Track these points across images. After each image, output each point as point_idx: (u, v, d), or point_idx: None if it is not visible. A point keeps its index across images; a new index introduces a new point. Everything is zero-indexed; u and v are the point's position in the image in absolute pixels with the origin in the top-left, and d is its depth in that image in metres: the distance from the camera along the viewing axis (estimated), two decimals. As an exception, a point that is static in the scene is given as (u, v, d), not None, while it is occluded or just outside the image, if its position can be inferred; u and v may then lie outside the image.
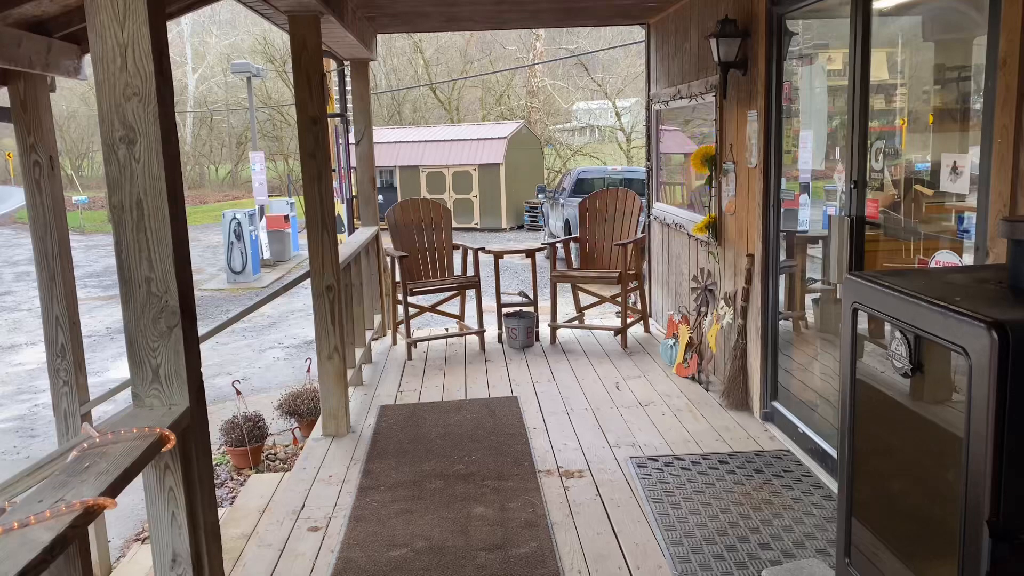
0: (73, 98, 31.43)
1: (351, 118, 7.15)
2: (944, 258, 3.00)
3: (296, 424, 6.38)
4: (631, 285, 6.32)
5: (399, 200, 10.56)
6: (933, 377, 1.89)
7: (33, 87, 3.78)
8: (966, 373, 1.64)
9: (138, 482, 2.02)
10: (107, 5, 1.95)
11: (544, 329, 6.73)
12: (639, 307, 6.67)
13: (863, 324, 2.18)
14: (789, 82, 4.30)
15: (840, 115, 3.77)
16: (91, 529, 2.26)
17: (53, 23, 3.73)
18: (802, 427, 4.11)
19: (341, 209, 8.26)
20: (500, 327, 6.67)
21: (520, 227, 20.61)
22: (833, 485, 3.66)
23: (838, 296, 3.81)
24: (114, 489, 1.73)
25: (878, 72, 3.55)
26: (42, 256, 3.93)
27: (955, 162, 2.88)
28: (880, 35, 3.47)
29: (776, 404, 4.45)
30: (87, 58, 4.04)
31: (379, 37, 7.01)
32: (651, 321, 6.88)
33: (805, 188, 4.31)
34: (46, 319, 3.97)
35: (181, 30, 32.74)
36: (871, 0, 3.34)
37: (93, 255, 18.63)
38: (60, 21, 3.74)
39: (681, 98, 5.83)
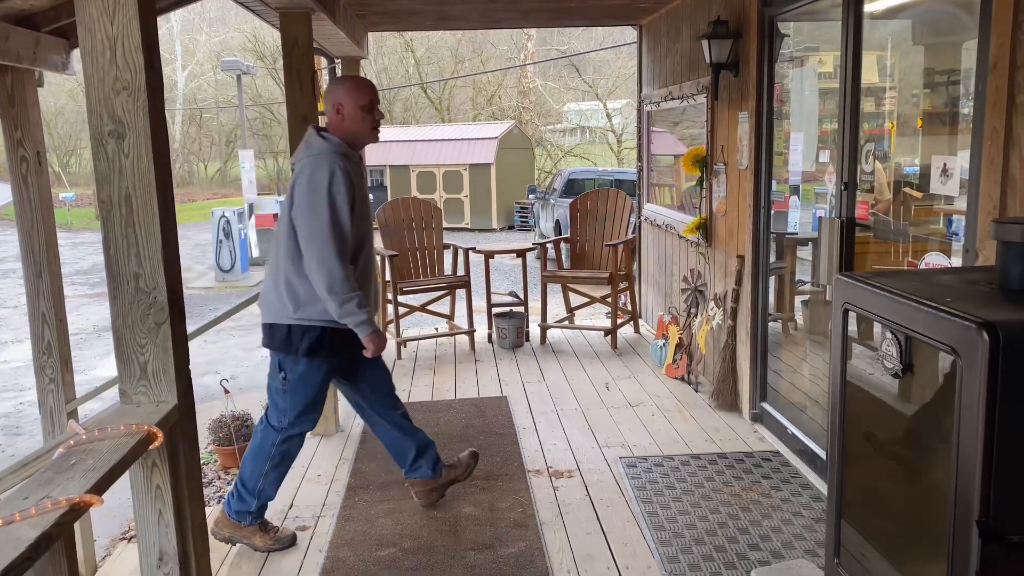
0: (61, 94, 31.21)
1: (342, 116, 7.11)
2: (933, 260, 3.02)
3: (284, 423, 6.34)
4: (621, 286, 6.33)
5: (389, 199, 10.53)
6: (923, 378, 1.89)
7: (20, 81, 3.74)
8: (957, 374, 1.64)
9: (124, 480, 2.00)
10: (97, -2, 1.93)
11: (534, 329, 6.73)
12: (629, 308, 6.67)
13: (852, 325, 2.19)
14: (780, 84, 4.32)
15: (831, 117, 3.78)
16: (77, 527, 2.24)
17: (41, 17, 3.70)
18: (791, 428, 4.12)
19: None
20: (490, 327, 6.66)
21: (510, 227, 20.61)
22: (821, 486, 3.67)
23: (828, 298, 3.82)
24: (100, 486, 1.71)
25: (868, 75, 3.56)
26: (28, 252, 3.89)
27: (945, 164, 2.89)
28: (871, 38, 3.49)
29: (765, 405, 4.46)
30: (75, 53, 4.00)
31: (370, 35, 6.99)
32: (641, 322, 6.88)
33: (795, 190, 4.32)
34: (32, 316, 3.94)
35: (171, 27, 32.57)
36: (862, 3, 3.36)
37: (80, 252, 18.51)
38: (48, 15, 3.71)
39: (672, 99, 5.83)
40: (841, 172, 3.50)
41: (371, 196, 3.41)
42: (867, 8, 3.38)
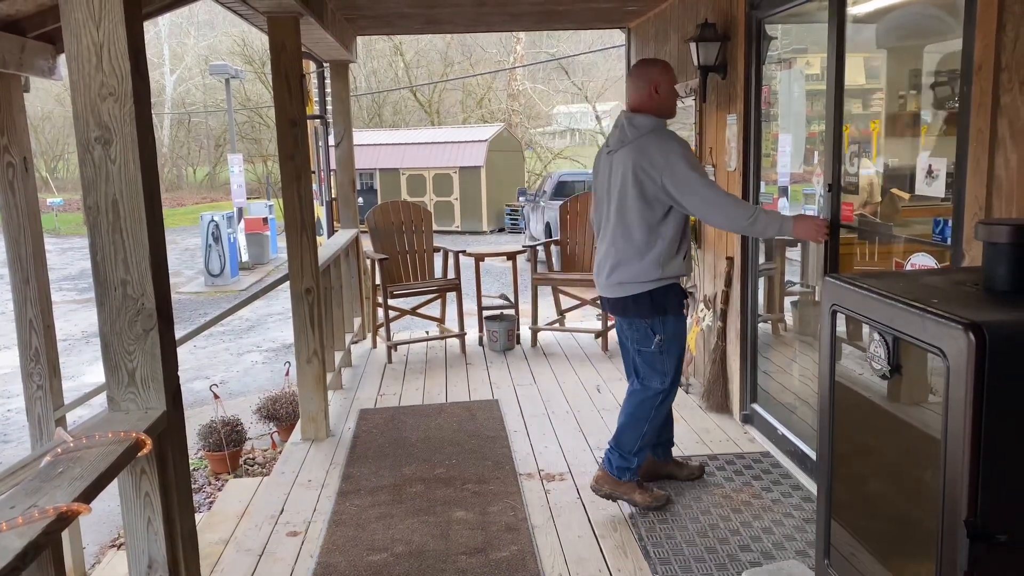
0: (48, 99, 31.04)
1: (331, 120, 7.13)
2: (920, 261, 3.03)
3: (275, 428, 6.33)
4: (611, 288, 6.33)
5: (379, 202, 10.52)
6: (911, 379, 1.90)
7: (6, 87, 3.72)
8: (943, 374, 1.65)
9: (114, 487, 1.99)
10: (82, 3, 1.92)
11: (525, 332, 6.73)
12: (619, 310, 6.67)
13: (841, 326, 2.20)
14: (768, 86, 4.33)
15: (818, 119, 3.80)
16: (66, 535, 2.23)
17: (27, 22, 3.68)
18: (781, 429, 4.13)
19: (321, 211, 8.21)
20: (481, 330, 6.66)
21: (501, 230, 20.61)
22: (812, 486, 3.68)
23: (816, 299, 3.84)
24: (88, 495, 1.70)
25: (855, 77, 3.58)
26: (15, 259, 3.87)
27: (931, 165, 2.91)
28: (856, 40, 3.50)
29: (755, 406, 4.47)
30: (62, 58, 3.99)
31: (359, 39, 6.98)
32: (631, 324, 6.88)
33: (783, 192, 4.33)
34: (19, 322, 3.91)
35: (159, 31, 32.45)
36: (846, 5, 3.37)
37: (68, 258, 18.41)
38: (35, 20, 3.69)
39: (661, 102, 5.84)
40: (827, 174, 3.52)
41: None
42: (852, 11, 3.40)
